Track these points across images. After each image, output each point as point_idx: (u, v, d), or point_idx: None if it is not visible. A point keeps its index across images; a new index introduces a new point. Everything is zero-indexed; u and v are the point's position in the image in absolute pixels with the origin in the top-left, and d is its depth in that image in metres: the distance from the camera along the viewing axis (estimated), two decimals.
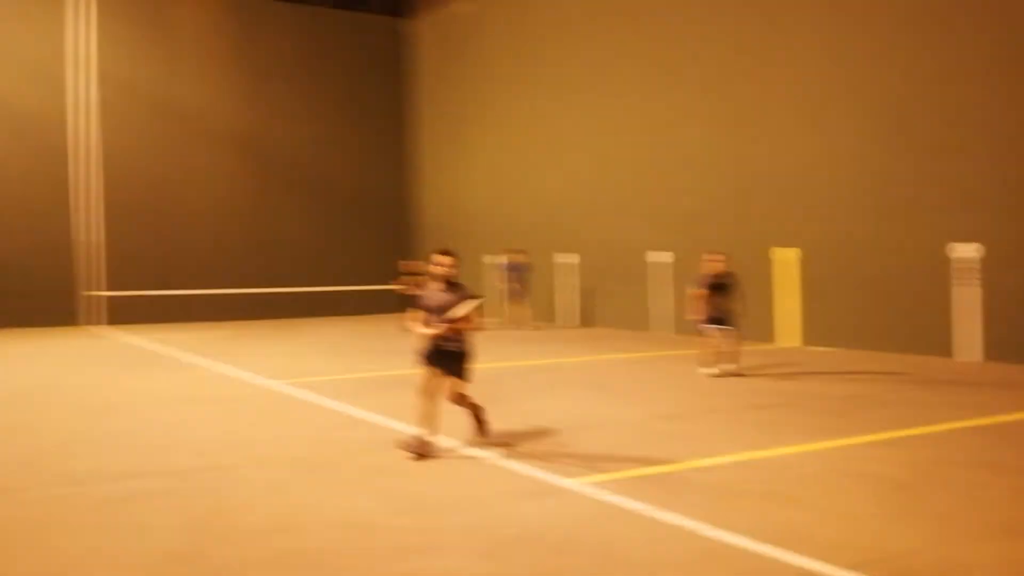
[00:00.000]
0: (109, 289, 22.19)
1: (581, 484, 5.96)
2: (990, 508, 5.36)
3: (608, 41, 19.38)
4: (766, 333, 15.61)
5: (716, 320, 11.50)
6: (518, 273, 19.87)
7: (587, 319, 19.97)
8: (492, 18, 23.29)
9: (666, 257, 17.86)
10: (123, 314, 22.14)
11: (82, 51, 22.44)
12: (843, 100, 14.58)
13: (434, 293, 7.04)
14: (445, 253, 7.07)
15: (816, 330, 15.04)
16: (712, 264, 11.73)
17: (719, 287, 11.58)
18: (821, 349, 14.64)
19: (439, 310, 6.92)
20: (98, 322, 21.97)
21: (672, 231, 17.76)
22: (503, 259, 20.58)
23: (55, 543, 4.92)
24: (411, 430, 7.74)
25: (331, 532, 5.05)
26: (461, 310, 6.82)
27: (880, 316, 14.04)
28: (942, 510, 5.33)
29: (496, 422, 7.80)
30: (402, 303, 18.12)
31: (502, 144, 22.90)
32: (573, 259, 20.42)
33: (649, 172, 18.35)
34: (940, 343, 13.08)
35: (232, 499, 5.77)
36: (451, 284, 7.03)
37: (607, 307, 19.44)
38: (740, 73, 16.30)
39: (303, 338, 18.11)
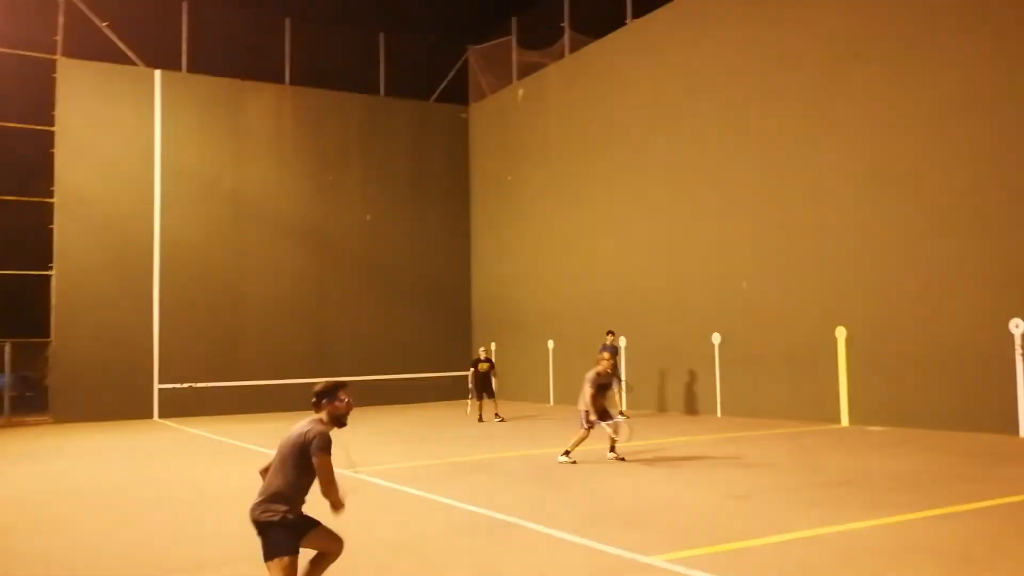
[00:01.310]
0: (165, 381, 22.84)
1: (663, 561, 6.36)
2: None
3: (661, 131, 20.17)
4: (832, 413, 15.83)
5: (603, 415, 11.88)
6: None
7: (640, 402, 20.30)
8: (547, 105, 24.29)
9: (716, 338, 18.27)
10: (180, 407, 22.72)
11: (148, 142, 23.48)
12: (897, 178, 15.10)
13: None
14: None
15: (869, 409, 15.27)
16: (603, 363, 12.14)
17: (604, 387, 12.04)
18: (874, 428, 14.85)
19: None
20: (159, 415, 22.65)
21: (725, 313, 18.18)
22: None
23: None
24: (486, 512, 8.20)
25: None
26: None
27: (938, 394, 14.24)
28: None
29: (569, 504, 8.17)
30: (481, 388, 18.78)
31: (558, 228, 23.62)
32: (621, 343, 20.90)
33: (704, 256, 18.84)
34: (1005, 420, 13.22)
35: None
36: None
37: (664, 390, 19.78)
38: (793, 155, 16.92)
39: (369, 427, 18.64)
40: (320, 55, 25.99)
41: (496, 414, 18.52)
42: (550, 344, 23.37)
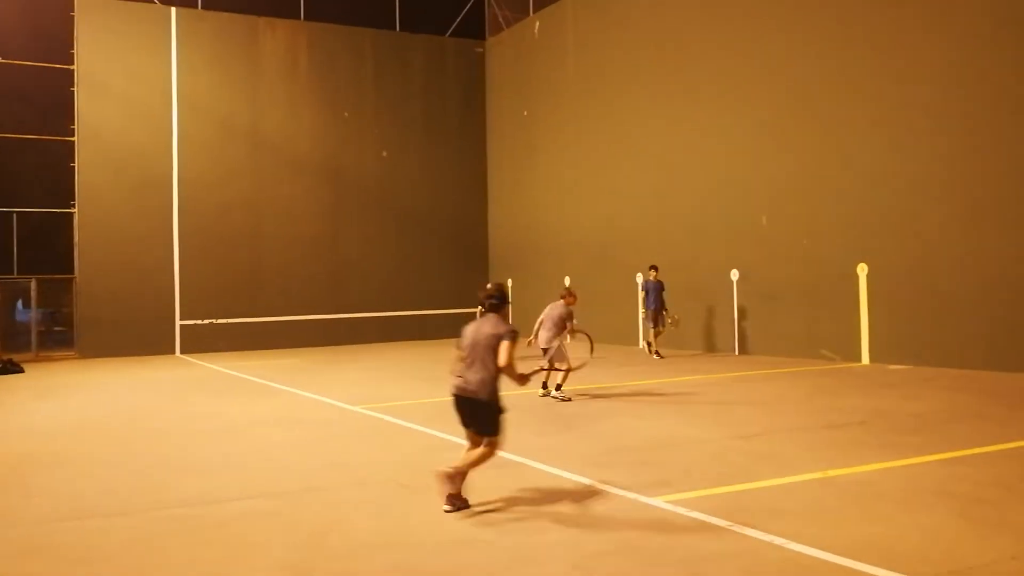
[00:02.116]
0: (186, 318, 23.02)
1: (664, 502, 6.25)
2: None
3: (681, 61, 19.70)
4: (853, 352, 15.59)
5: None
6: (656, 294, 17.93)
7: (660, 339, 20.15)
8: (563, 37, 23.76)
9: (734, 275, 18.00)
10: (201, 343, 22.94)
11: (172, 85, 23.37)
12: (920, 110, 14.63)
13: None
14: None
15: (890, 347, 15.02)
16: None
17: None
18: (894, 367, 14.62)
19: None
20: (180, 351, 22.86)
21: (744, 249, 17.88)
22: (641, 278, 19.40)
23: (174, 560, 5.36)
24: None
25: (440, 548, 5.41)
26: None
27: (962, 331, 13.96)
28: (1020, 524, 5.48)
29: (576, 444, 8.07)
30: None
31: (576, 163, 23.30)
32: (639, 279, 20.64)
33: (723, 190, 18.53)
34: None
35: (338, 518, 6.18)
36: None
37: (683, 327, 19.58)
38: (817, 92, 16.45)
39: (382, 363, 18.68)
40: None
41: None
42: (566, 280, 23.16)
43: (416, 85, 26.41)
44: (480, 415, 6.39)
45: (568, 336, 12.22)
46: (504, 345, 6.28)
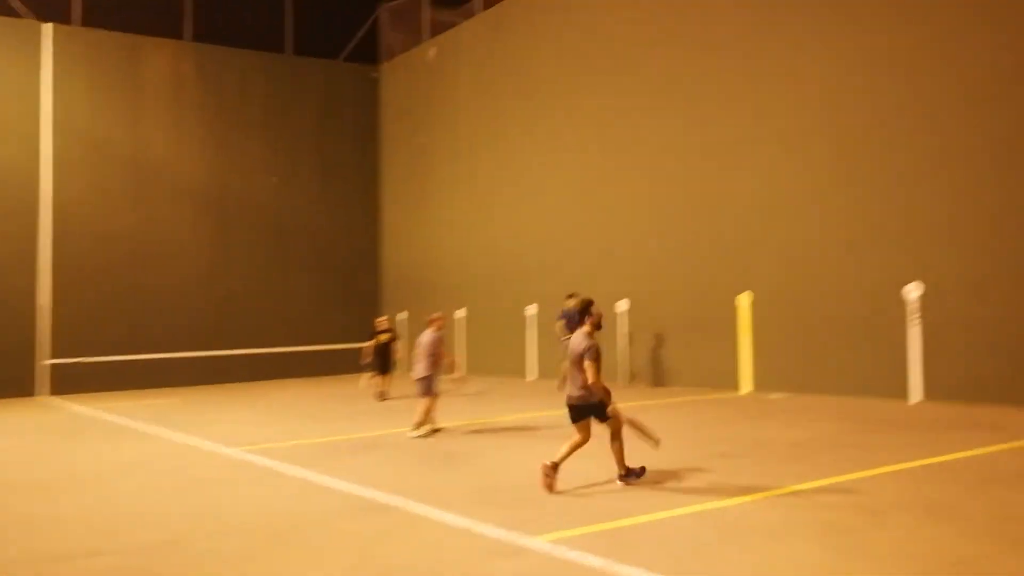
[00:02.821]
0: (59, 356, 21.76)
1: (544, 542, 6.10)
2: (933, 547, 5.59)
3: (576, 92, 19.85)
4: (732, 380, 15.87)
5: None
6: (572, 323, 17.99)
7: (548, 371, 20.13)
8: (458, 64, 23.74)
9: (623, 305, 18.16)
10: (74, 383, 21.62)
11: (43, 103, 22.21)
12: (802, 144, 15.12)
13: None
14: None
15: (771, 375, 15.37)
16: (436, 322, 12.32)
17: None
18: (775, 395, 14.95)
19: None
20: (50, 392, 21.56)
21: (632, 279, 18.07)
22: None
23: None
24: (370, 493, 7.88)
25: None
26: None
27: (836, 360, 14.38)
28: (889, 552, 5.55)
29: (456, 482, 7.87)
30: (380, 361, 17.46)
31: (471, 193, 23.19)
32: (533, 310, 20.66)
33: (614, 220, 18.71)
34: (897, 386, 13.38)
35: (199, 573, 5.80)
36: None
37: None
38: (703, 116, 16.81)
39: (265, 402, 18.06)
40: (224, 11, 24.88)
41: (383, 390, 17.12)
42: (462, 312, 23.01)
43: (308, 110, 25.95)
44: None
45: (452, 371, 12.01)
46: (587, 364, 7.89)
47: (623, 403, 14.46)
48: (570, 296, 17.18)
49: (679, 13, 17.28)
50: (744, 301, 15.76)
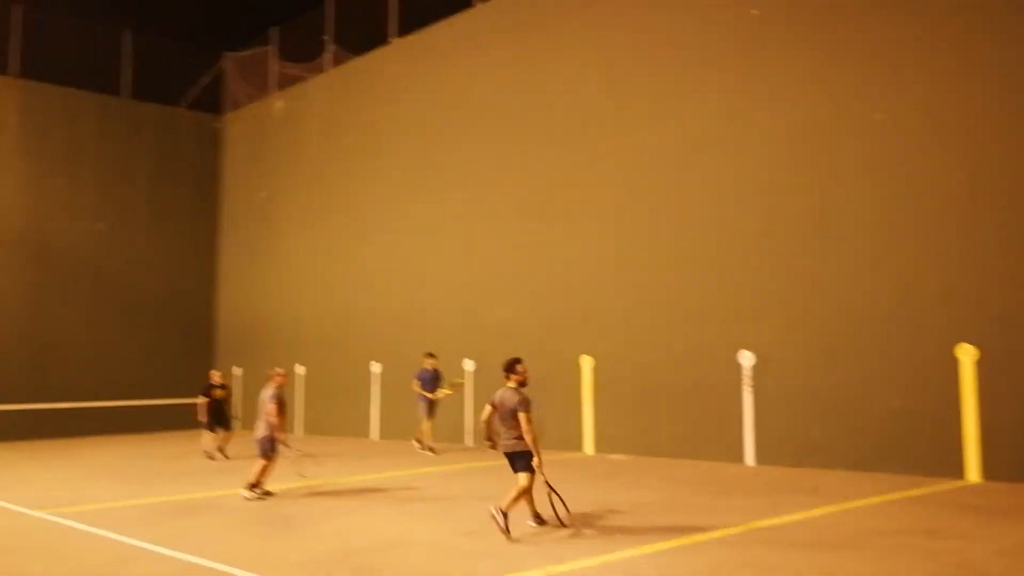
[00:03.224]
0: None
1: None
2: None
3: (425, 149, 19.88)
4: (575, 441, 15.99)
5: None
6: (432, 384, 16.87)
7: (394, 431, 19.73)
8: (304, 119, 23.35)
9: (469, 365, 18.10)
10: None
11: None
12: (637, 212, 15.63)
13: None
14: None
15: (612, 437, 15.62)
16: (276, 378, 11.82)
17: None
18: (616, 457, 15.18)
19: None
20: None
21: (479, 339, 18.04)
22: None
23: None
24: (200, 561, 7.39)
25: None
26: None
27: (675, 423, 14.77)
28: None
29: (293, 548, 7.47)
30: (215, 418, 16.46)
31: (315, 248, 22.66)
32: (377, 368, 20.29)
33: (460, 280, 18.70)
34: (734, 449, 13.85)
35: None
36: None
37: (413, 419, 19.31)
38: (547, 181, 17.15)
39: (84, 460, 16.77)
40: (55, 47, 23.53)
41: (220, 449, 16.31)
42: (301, 370, 22.31)
43: (143, 156, 24.77)
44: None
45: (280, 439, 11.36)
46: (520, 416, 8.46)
47: (454, 466, 14.30)
48: (429, 356, 16.98)
49: (525, 76, 17.72)
50: (586, 364, 16.03)
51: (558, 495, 8.66)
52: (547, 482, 8.57)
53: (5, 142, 22.57)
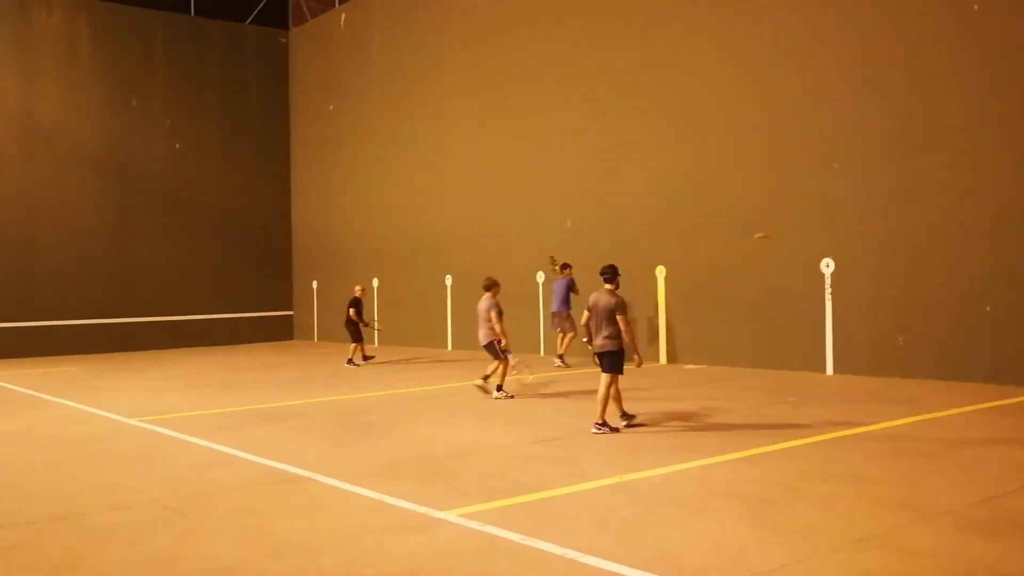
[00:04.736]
0: None
1: (456, 516, 5.89)
2: (849, 520, 5.58)
3: (488, 62, 19.55)
4: (652, 351, 15.90)
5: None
6: (565, 295, 15.63)
7: (470, 343, 19.90)
8: (370, 32, 23.10)
9: (540, 277, 18.03)
10: None
11: None
12: (711, 120, 15.12)
13: None
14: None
15: (688, 347, 15.46)
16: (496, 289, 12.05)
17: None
18: (690, 366, 15.05)
19: None
20: None
21: (549, 251, 17.88)
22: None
23: None
24: (277, 465, 7.57)
25: None
26: None
27: (752, 333, 14.52)
28: (804, 525, 5.50)
29: (371, 454, 7.60)
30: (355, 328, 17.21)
31: (383, 162, 22.67)
32: (448, 281, 20.38)
33: (530, 193, 18.53)
34: (815, 359, 13.58)
35: (86, 550, 5.41)
36: None
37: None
38: (618, 94, 16.68)
39: (169, 371, 17.38)
40: None
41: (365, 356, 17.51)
42: (375, 283, 22.58)
43: (213, 74, 24.86)
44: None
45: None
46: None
47: (528, 374, 14.26)
48: (565, 266, 16.09)
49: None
50: (660, 274, 15.79)
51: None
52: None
53: (80, 64, 22.87)
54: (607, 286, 9.15)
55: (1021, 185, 11.50)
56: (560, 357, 15.59)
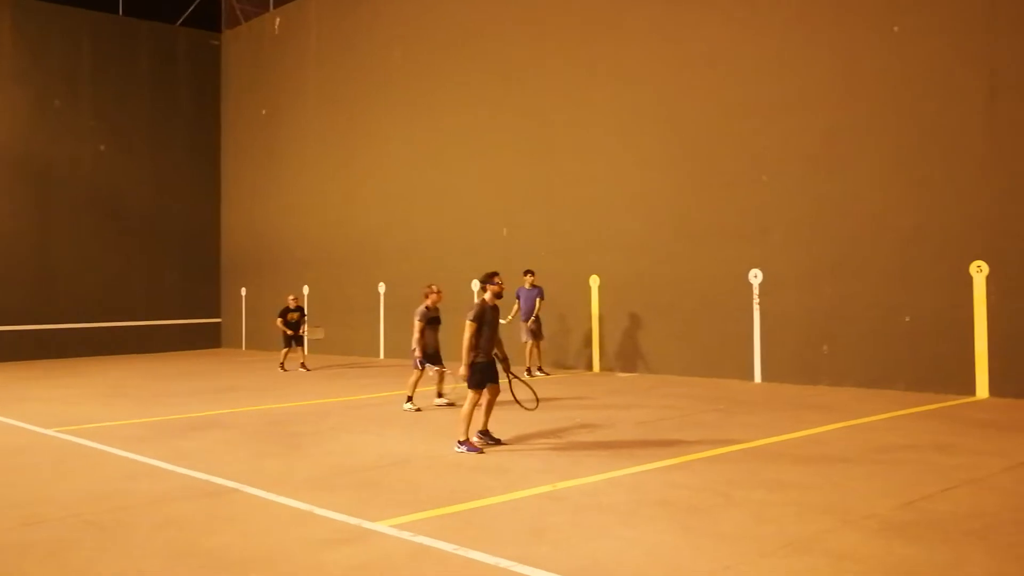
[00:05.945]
0: None
1: (388, 526, 5.80)
2: (779, 526, 5.66)
3: (424, 66, 19.47)
4: (586, 360, 15.99)
5: (434, 358, 11.59)
6: (532, 304, 15.18)
7: (390, 351, 19.78)
8: (305, 37, 22.81)
9: (474, 285, 18.00)
10: None
11: None
12: (645, 133, 15.31)
13: None
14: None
15: (619, 356, 15.60)
16: (432, 296, 11.69)
17: (434, 322, 11.68)
18: (622, 375, 15.17)
19: None
20: None
21: (485, 259, 17.86)
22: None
23: None
24: (203, 476, 7.39)
25: None
26: None
27: (682, 342, 14.73)
28: (735, 531, 5.57)
29: (299, 465, 7.46)
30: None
31: (318, 167, 22.39)
32: (381, 289, 20.21)
33: (465, 199, 18.49)
34: (743, 367, 13.81)
35: (2, 569, 5.19)
36: None
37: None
38: (548, 105, 16.84)
39: (90, 380, 16.85)
40: None
41: (302, 364, 17.74)
42: (305, 289, 22.26)
43: (142, 76, 24.25)
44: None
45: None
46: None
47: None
48: (526, 272, 15.53)
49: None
50: (594, 283, 15.92)
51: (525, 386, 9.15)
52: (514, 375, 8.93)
53: (6, 66, 22.09)
54: (485, 293, 8.78)
55: (940, 200, 11.91)
56: (539, 368, 15.38)
